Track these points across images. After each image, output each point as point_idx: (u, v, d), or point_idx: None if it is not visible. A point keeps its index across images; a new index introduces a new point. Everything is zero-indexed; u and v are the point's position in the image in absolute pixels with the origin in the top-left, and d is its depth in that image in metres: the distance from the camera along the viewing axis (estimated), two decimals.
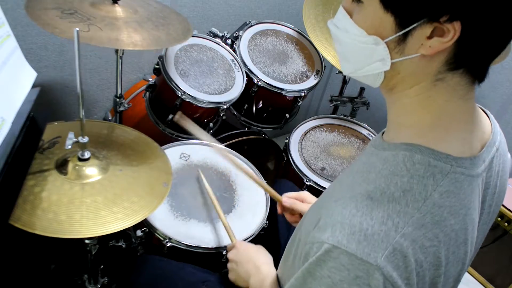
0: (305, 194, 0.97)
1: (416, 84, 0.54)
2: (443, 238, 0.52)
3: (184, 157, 1.26)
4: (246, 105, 1.53)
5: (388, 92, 0.59)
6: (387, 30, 0.51)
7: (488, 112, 0.65)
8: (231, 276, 0.90)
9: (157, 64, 1.31)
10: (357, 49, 0.56)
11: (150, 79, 1.37)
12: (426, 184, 0.52)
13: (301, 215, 0.94)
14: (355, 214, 0.51)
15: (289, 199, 0.96)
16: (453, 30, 0.47)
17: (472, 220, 0.58)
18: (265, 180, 1.27)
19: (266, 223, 1.14)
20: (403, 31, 0.50)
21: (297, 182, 1.37)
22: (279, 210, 0.99)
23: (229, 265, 0.91)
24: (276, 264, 0.84)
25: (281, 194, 1.11)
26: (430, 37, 0.49)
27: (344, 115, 1.68)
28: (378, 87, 0.60)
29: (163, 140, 1.24)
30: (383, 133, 0.63)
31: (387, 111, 0.61)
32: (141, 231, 1.05)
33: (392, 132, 0.60)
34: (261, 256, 0.88)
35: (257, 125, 1.57)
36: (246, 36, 1.54)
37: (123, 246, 1.20)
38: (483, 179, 0.59)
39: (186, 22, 1.21)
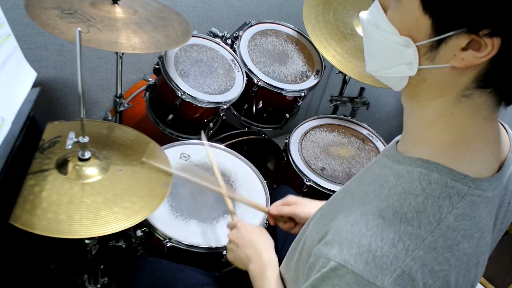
0: (289, 198, 0.96)
1: (441, 96, 0.51)
2: (454, 262, 0.50)
3: (184, 157, 1.26)
4: (246, 105, 1.53)
5: (409, 100, 0.56)
6: (421, 33, 0.48)
7: (506, 126, 0.63)
8: (230, 256, 0.88)
9: (157, 64, 1.31)
10: (385, 47, 0.53)
11: (150, 79, 1.37)
12: (441, 205, 0.50)
13: (291, 219, 0.94)
14: (365, 233, 0.49)
15: (275, 207, 0.96)
16: (490, 46, 0.44)
17: (486, 243, 0.56)
18: (265, 180, 1.27)
19: (266, 223, 1.14)
20: (438, 38, 0.47)
21: (297, 182, 1.37)
22: (271, 222, 0.99)
23: (228, 245, 0.89)
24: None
25: (280, 199, 1.12)
26: (465, 49, 0.46)
27: (344, 115, 1.68)
28: (400, 93, 0.58)
29: (163, 140, 1.24)
30: (397, 142, 0.60)
31: (404, 121, 0.58)
32: (141, 231, 1.05)
33: (408, 144, 0.57)
34: (263, 241, 0.86)
35: (257, 125, 1.57)
36: (246, 36, 1.54)
37: (123, 246, 1.20)
38: (498, 198, 0.57)
39: (186, 23, 1.21)
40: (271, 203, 1.20)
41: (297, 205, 0.93)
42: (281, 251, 0.80)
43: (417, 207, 0.50)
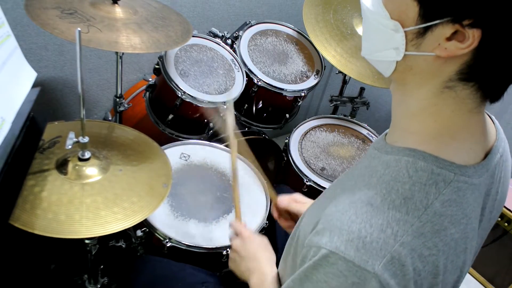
0: (296, 196, 0.96)
1: (425, 85, 0.53)
2: (442, 247, 0.52)
3: (184, 157, 1.26)
4: (246, 105, 1.53)
5: (398, 88, 0.58)
6: (409, 19, 0.50)
7: (493, 118, 0.64)
8: (231, 265, 0.88)
9: (157, 64, 1.31)
10: (377, 30, 0.55)
11: (150, 79, 1.37)
12: (428, 192, 0.51)
13: (294, 220, 0.93)
14: (354, 220, 0.50)
15: (284, 201, 0.95)
16: (472, 38, 0.46)
17: (473, 229, 0.57)
18: (265, 180, 1.27)
19: (266, 223, 1.14)
20: (424, 25, 0.49)
21: (297, 182, 1.37)
22: (275, 215, 0.97)
23: (231, 253, 0.89)
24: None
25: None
26: (449, 39, 0.48)
27: (344, 115, 1.68)
28: (392, 84, 0.59)
29: (163, 140, 1.24)
30: (385, 134, 0.62)
31: (392, 113, 0.60)
32: (141, 231, 1.05)
33: (395, 135, 0.59)
34: (266, 255, 0.86)
35: (257, 125, 1.57)
36: (246, 36, 1.54)
37: (123, 246, 1.20)
38: (485, 186, 0.58)
39: (186, 23, 1.21)
40: (271, 200, 1.20)
41: (305, 206, 0.92)
42: (281, 251, 0.80)
43: (405, 193, 0.51)
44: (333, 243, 0.49)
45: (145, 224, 1.05)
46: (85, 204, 0.83)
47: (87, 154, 0.90)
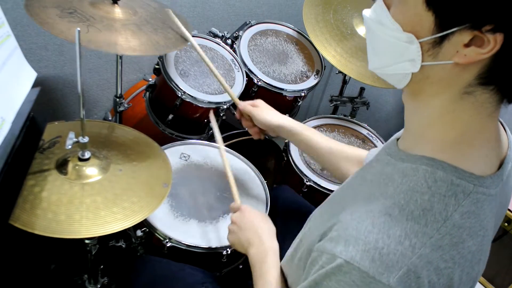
0: (257, 101, 1.09)
1: (443, 93, 0.52)
2: (459, 260, 0.51)
3: (184, 157, 1.26)
4: None
5: (411, 97, 0.57)
6: (424, 29, 0.49)
7: (504, 124, 0.63)
8: (230, 238, 0.88)
9: (157, 64, 1.31)
10: (388, 44, 0.53)
11: (150, 79, 1.37)
12: (447, 203, 0.50)
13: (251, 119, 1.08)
14: (371, 230, 0.49)
15: (244, 103, 1.08)
16: (493, 42, 0.45)
17: (488, 240, 0.57)
18: (265, 180, 1.27)
19: None
20: (441, 34, 0.47)
21: (297, 182, 1.37)
22: (237, 115, 1.12)
23: (230, 226, 0.89)
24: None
25: (281, 199, 1.12)
26: (467, 45, 0.46)
27: (344, 115, 1.68)
28: (400, 92, 0.58)
29: (163, 140, 1.23)
30: (397, 139, 0.61)
31: (405, 119, 0.59)
32: (141, 231, 1.05)
33: (410, 142, 0.58)
34: (266, 227, 0.86)
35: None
36: (246, 36, 1.54)
37: (123, 246, 1.20)
38: (499, 196, 0.58)
39: (186, 24, 1.21)
40: (271, 202, 1.20)
41: (258, 109, 1.05)
42: (282, 244, 0.80)
43: (424, 204, 0.50)
44: (349, 252, 0.49)
45: (145, 224, 1.04)
46: (85, 204, 0.83)
47: (87, 154, 0.90)
